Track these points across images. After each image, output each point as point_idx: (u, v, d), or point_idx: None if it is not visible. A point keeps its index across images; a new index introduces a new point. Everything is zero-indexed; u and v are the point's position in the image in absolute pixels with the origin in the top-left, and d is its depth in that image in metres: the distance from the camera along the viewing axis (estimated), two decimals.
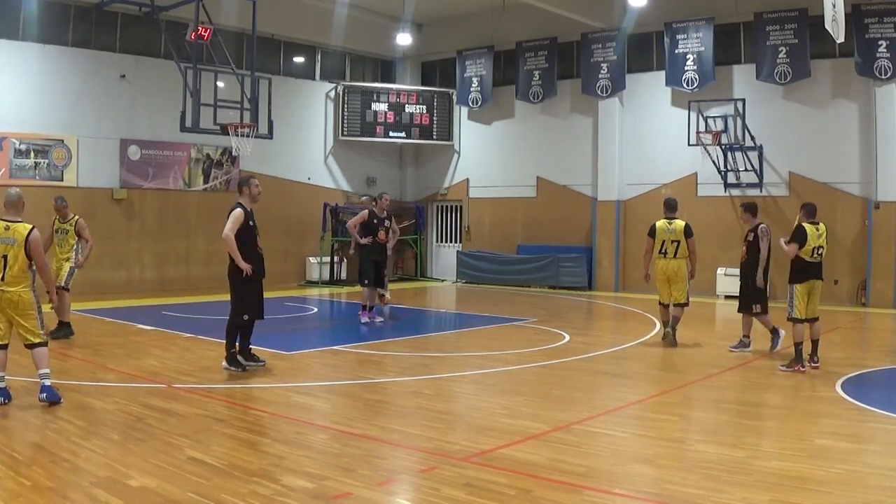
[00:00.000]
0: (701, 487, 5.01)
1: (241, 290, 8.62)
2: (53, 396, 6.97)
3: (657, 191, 18.82)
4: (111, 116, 17.07)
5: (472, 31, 21.46)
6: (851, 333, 12.96)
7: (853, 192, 16.50)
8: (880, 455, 5.87)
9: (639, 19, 18.40)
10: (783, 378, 8.67)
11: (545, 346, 10.83)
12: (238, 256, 8.42)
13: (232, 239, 8.40)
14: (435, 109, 22.07)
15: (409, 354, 10.08)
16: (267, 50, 19.43)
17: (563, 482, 5.12)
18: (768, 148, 17.27)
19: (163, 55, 17.34)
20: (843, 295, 16.63)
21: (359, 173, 22.05)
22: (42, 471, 5.22)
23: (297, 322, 13.41)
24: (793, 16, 16.69)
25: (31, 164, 15.99)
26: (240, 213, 8.56)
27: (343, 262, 20.87)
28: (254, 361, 8.90)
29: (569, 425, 6.59)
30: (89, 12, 16.76)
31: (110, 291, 16.36)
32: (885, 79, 15.79)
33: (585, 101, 19.81)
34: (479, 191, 22.01)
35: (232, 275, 8.60)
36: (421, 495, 5.01)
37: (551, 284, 19.71)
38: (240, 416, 6.85)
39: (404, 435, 6.34)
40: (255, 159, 17.33)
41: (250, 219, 8.66)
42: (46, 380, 7.00)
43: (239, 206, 8.64)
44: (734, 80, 17.79)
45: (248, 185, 8.84)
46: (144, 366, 8.92)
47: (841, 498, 4.85)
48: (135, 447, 5.77)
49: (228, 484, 5.00)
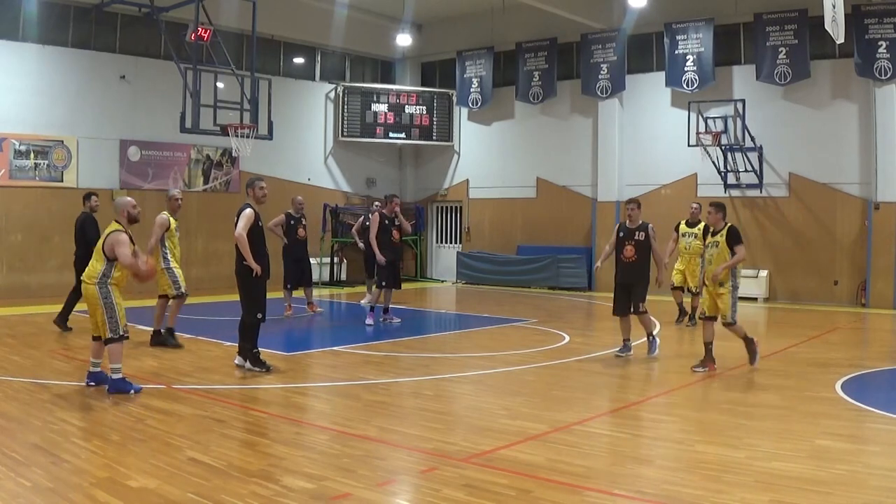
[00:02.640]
0: (701, 488, 5.01)
1: (251, 290, 8.65)
2: (114, 387, 7.47)
3: (657, 191, 18.86)
4: (111, 117, 17.06)
5: (472, 32, 21.47)
6: (851, 334, 12.96)
7: (853, 193, 16.51)
8: (880, 455, 5.87)
9: (639, 20, 18.40)
10: (783, 379, 8.67)
11: (545, 346, 10.83)
12: (249, 255, 8.46)
13: (245, 238, 8.45)
14: (435, 110, 22.08)
15: (409, 355, 10.08)
16: (267, 51, 19.43)
17: (562, 483, 5.12)
18: (768, 148, 17.27)
19: (163, 56, 17.34)
20: (843, 295, 16.64)
21: (359, 174, 22.05)
22: (42, 471, 5.22)
23: (296, 323, 13.40)
24: (793, 16, 16.69)
25: (31, 164, 15.98)
26: (251, 212, 8.62)
27: (343, 262, 20.86)
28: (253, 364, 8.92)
29: (569, 426, 6.59)
30: (89, 13, 16.76)
31: None
32: (884, 79, 15.79)
33: (585, 102, 19.82)
34: (478, 191, 22.01)
35: (241, 274, 8.61)
36: (421, 496, 5.00)
37: (551, 285, 19.71)
38: (239, 417, 6.84)
39: (404, 436, 6.34)
40: (255, 160, 17.33)
41: (259, 219, 8.71)
42: (114, 374, 7.50)
43: (249, 206, 8.69)
44: (734, 81, 17.79)
45: (253, 187, 8.86)
46: (144, 366, 8.92)
47: (841, 498, 4.85)
48: (135, 448, 5.77)
49: (228, 484, 5.00)
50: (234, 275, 8.76)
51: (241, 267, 8.58)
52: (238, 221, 8.55)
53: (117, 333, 7.46)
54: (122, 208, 7.71)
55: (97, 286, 7.41)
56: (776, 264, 17.23)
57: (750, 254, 17.70)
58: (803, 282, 17.07)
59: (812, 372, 9.10)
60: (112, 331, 7.44)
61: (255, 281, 8.57)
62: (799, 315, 15.03)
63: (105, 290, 7.42)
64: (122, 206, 7.73)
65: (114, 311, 7.44)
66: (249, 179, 9.13)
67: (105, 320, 7.42)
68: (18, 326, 11.75)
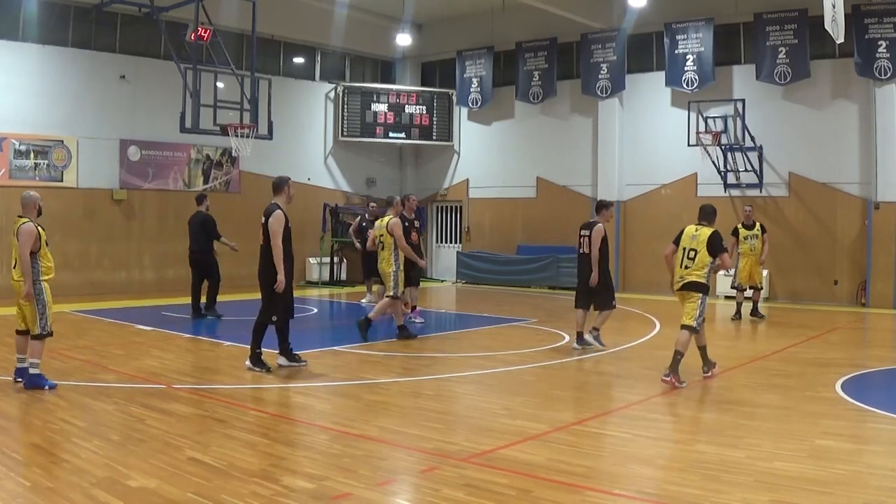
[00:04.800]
0: (701, 488, 5.01)
1: (273, 293, 8.54)
2: (31, 383, 7.50)
3: (657, 191, 18.87)
4: (111, 117, 17.06)
5: (472, 32, 21.46)
6: (851, 334, 12.96)
7: (853, 193, 16.50)
8: (881, 455, 5.87)
9: (638, 20, 18.39)
10: (783, 379, 8.67)
11: (545, 346, 10.83)
12: (282, 267, 8.35)
13: (281, 248, 8.33)
14: (435, 110, 22.07)
15: (409, 355, 10.08)
16: (267, 51, 19.43)
17: (563, 483, 5.12)
18: (768, 148, 17.27)
19: (163, 56, 17.33)
20: (843, 295, 16.64)
21: (359, 174, 22.05)
22: (42, 471, 5.22)
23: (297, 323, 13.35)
24: (792, 16, 16.69)
25: (31, 164, 15.98)
26: (282, 214, 8.47)
27: (343, 262, 20.86)
28: (296, 362, 8.94)
29: (569, 426, 6.59)
30: (89, 13, 16.76)
31: (110, 292, 16.35)
32: (884, 79, 15.79)
33: (585, 102, 19.82)
34: (478, 191, 22.01)
35: (266, 276, 8.52)
36: (421, 496, 5.00)
37: (551, 285, 19.71)
38: (240, 417, 6.84)
39: (404, 435, 6.34)
40: (254, 160, 17.34)
41: (287, 221, 8.59)
42: (32, 369, 7.55)
43: (279, 208, 8.54)
44: (734, 81, 17.79)
45: (288, 187, 8.75)
46: (144, 366, 8.92)
47: (841, 498, 4.84)
48: (135, 448, 5.77)
49: (228, 484, 4.99)
50: (259, 275, 8.65)
51: (268, 271, 8.48)
52: (270, 223, 8.39)
53: (45, 330, 7.51)
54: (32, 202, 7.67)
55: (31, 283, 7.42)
56: (776, 264, 17.20)
57: None
58: (803, 281, 17.07)
59: (812, 372, 9.10)
60: (41, 327, 7.49)
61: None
62: (799, 315, 15.02)
63: (38, 287, 7.47)
64: (33, 200, 7.69)
65: (45, 308, 7.50)
66: (280, 179, 8.85)
67: (36, 317, 7.46)
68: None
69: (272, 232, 8.36)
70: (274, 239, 8.35)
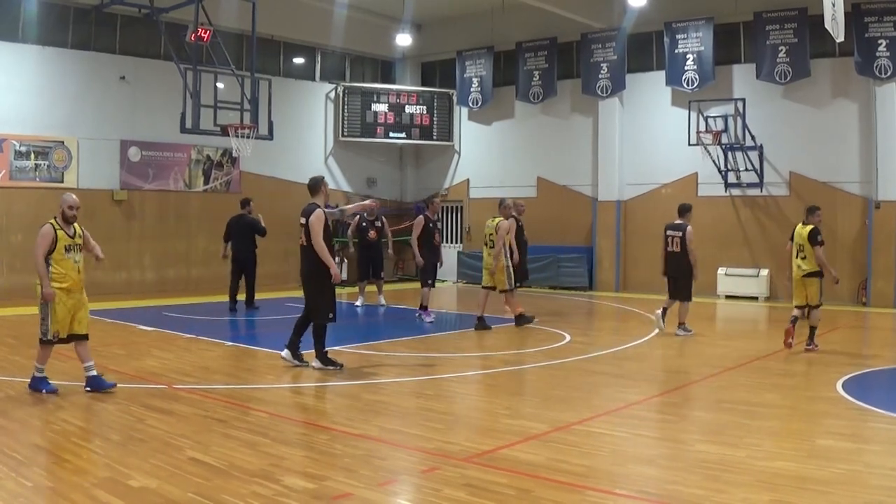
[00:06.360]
0: (701, 487, 5.01)
1: (324, 291, 8.70)
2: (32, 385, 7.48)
3: (657, 191, 18.86)
4: (111, 118, 17.06)
5: (472, 32, 21.46)
6: (852, 333, 12.96)
7: (853, 192, 16.50)
8: (881, 455, 5.87)
9: (638, 19, 18.39)
10: (784, 378, 8.68)
11: (546, 346, 10.82)
12: (331, 262, 8.54)
13: (324, 246, 8.50)
14: (435, 110, 22.07)
15: (409, 355, 10.08)
16: (267, 51, 19.42)
17: (563, 482, 5.11)
18: (768, 147, 17.27)
19: (162, 56, 17.32)
20: (844, 294, 16.60)
21: (359, 174, 22.04)
22: (43, 471, 5.22)
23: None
24: (792, 15, 16.68)
25: (32, 165, 15.98)
26: (322, 213, 8.64)
27: (343, 262, 20.84)
28: (300, 361, 8.98)
29: (569, 425, 6.59)
30: (89, 14, 16.74)
31: (111, 292, 16.34)
32: (884, 78, 15.78)
33: (585, 102, 19.81)
34: (479, 191, 21.99)
35: (316, 276, 8.64)
36: (422, 496, 5.00)
37: (551, 284, 19.70)
38: (240, 417, 6.84)
39: (405, 435, 6.34)
40: (255, 160, 17.34)
41: (328, 219, 8.76)
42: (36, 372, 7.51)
43: (318, 207, 8.68)
44: (734, 80, 17.78)
45: (325, 186, 8.94)
46: (145, 366, 8.93)
47: (842, 498, 4.84)
48: (135, 448, 5.77)
49: (229, 484, 5.00)
50: (302, 276, 8.82)
51: (316, 270, 8.59)
52: (311, 223, 8.53)
53: (46, 336, 7.38)
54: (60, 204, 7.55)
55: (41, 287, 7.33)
56: (777, 263, 17.18)
57: (750, 253, 17.77)
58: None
59: (813, 371, 9.10)
60: (42, 332, 7.38)
61: (329, 283, 8.64)
62: None
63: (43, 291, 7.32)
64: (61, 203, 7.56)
65: (47, 314, 7.33)
66: (315, 180, 9.01)
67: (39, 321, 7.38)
68: (19, 327, 11.75)
69: (313, 231, 8.53)
70: (315, 237, 8.51)
